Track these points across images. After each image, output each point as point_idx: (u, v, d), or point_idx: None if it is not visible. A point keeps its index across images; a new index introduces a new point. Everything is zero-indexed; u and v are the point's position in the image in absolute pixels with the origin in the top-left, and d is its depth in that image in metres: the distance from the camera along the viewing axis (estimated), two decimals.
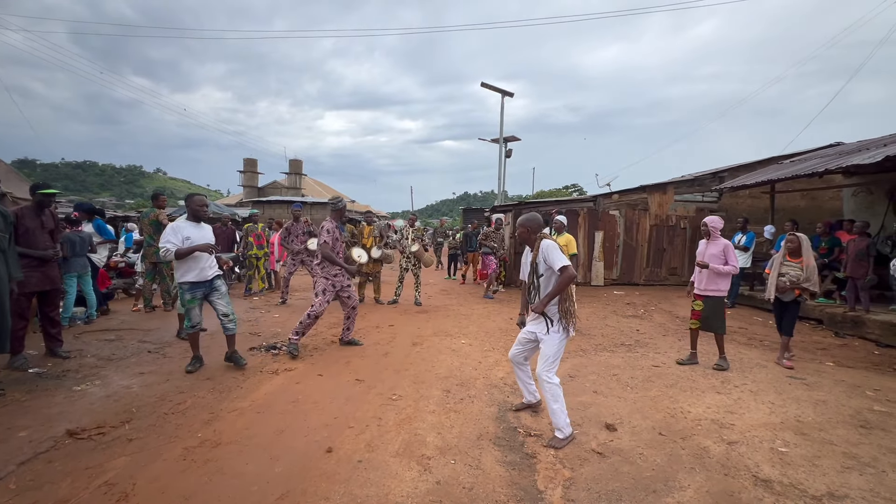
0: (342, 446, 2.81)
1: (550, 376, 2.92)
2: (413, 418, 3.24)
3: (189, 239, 3.87)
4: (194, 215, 4.08)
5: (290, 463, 2.62)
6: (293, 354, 4.51)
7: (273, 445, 2.82)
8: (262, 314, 6.76)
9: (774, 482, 2.48)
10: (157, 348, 4.78)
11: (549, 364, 2.93)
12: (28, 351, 4.32)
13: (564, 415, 2.92)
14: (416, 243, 7.73)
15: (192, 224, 4.03)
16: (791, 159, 10.05)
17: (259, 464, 2.61)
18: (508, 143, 20.31)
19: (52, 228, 4.23)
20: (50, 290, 4.25)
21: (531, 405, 3.43)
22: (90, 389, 3.62)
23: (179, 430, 3.01)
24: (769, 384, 4.01)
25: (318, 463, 2.62)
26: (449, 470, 2.58)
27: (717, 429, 3.13)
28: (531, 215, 3.12)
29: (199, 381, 3.89)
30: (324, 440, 2.89)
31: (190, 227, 3.97)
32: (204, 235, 4.03)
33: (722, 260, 4.37)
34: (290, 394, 3.67)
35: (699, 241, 4.68)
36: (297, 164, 40.90)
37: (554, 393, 2.90)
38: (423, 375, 4.15)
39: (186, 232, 3.91)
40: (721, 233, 4.52)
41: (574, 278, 2.89)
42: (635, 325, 6.46)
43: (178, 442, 2.86)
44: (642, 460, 2.72)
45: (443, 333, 5.78)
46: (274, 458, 2.67)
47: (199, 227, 4.05)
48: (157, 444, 2.81)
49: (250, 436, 2.95)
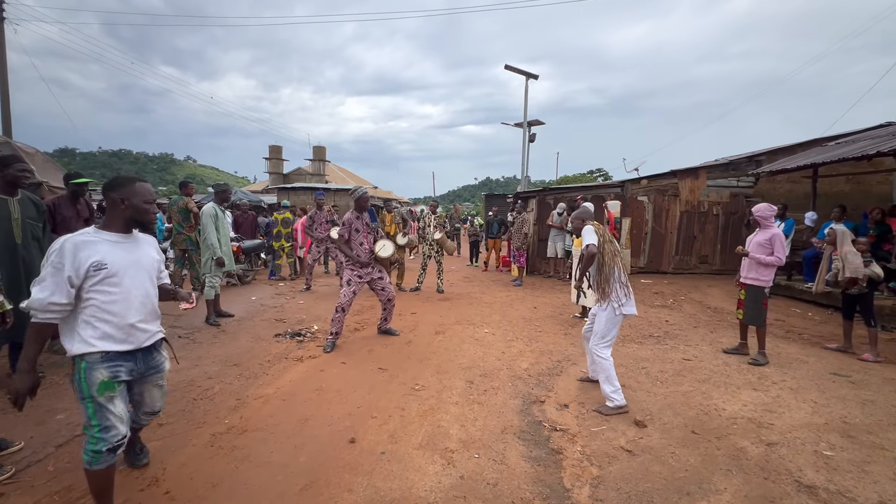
0: (365, 437, 2.81)
1: (601, 350, 3.23)
2: (436, 409, 3.21)
3: (98, 269, 1.86)
4: (133, 219, 2.05)
5: (314, 452, 2.63)
6: (327, 350, 4.48)
7: (297, 434, 2.84)
8: (287, 300, 6.86)
9: (819, 488, 2.34)
10: (187, 333, 4.90)
11: (598, 339, 3.26)
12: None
13: (612, 388, 3.18)
14: (438, 230, 7.66)
15: (115, 238, 1.98)
16: (836, 141, 9.41)
17: (284, 452, 2.63)
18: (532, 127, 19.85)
19: (87, 217, 4.34)
20: None
21: (592, 380, 3.67)
22: None
23: (207, 416, 3.06)
24: (810, 381, 3.80)
25: (342, 453, 2.62)
26: (473, 464, 2.54)
27: (754, 428, 2.98)
28: (583, 209, 3.63)
29: (227, 368, 3.96)
30: (347, 430, 2.89)
31: (105, 243, 1.94)
32: (137, 260, 2.03)
33: (767, 250, 4.13)
34: (313, 382, 3.70)
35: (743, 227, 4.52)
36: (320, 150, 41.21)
37: (603, 366, 3.21)
38: (446, 365, 4.11)
39: (93, 254, 1.87)
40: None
41: (593, 256, 3.23)
42: (664, 316, 6.25)
43: (206, 427, 2.91)
44: (674, 460, 2.61)
45: (465, 322, 5.73)
46: (298, 447, 2.69)
47: (129, 244, 2.03)
48: (186, 430, 2.87)
49: (275, 423, 2.98)
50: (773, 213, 4.30)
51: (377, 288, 4.78)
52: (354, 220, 4.58)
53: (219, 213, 5.15)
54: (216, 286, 5.27)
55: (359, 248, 4.59)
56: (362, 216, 4.65)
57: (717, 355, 4.47)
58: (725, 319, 6.09)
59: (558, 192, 10.68)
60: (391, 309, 4.98)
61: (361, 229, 4.62)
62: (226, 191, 5.31)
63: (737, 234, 10.41)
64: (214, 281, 5.22)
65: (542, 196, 10.69)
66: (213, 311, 5.30)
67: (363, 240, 4.61)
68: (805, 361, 4.30)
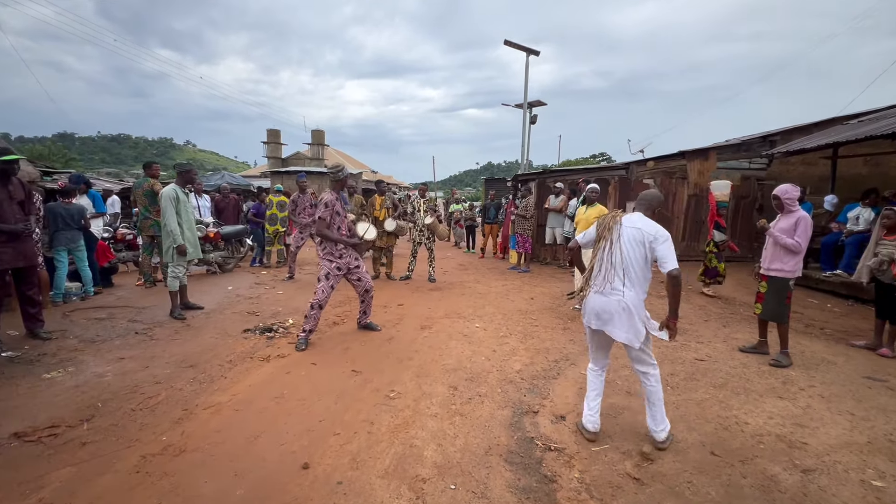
0: (322, 461, 2.36)
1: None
2: (410, 423, 2.76)
3: None
4: None
5: (255, 482, 2.18)
6: (299, 348, 4.01)
7: (242, 456, 2.39)
8: (265, 290, 6.40)
9: None
10: (146, 329, 4.44)
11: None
12: (8, 331, 4.05)
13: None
14: (429, 215, 7.14)
15: None
16: (859, 119, 8.79)
17: (220, 481, 2.18)
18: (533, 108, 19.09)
19: (21, 199, 3.85)
20: (26, 268, 3.91)
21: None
22: (59, 378, 3.29)
23: (143, 432, 2.62)
24: (843, 387, 3.33)
25: (290, 484, 2.17)
26: (447, 499, 2.08)
27: (785, 449, 2.52)
28: (653, 195, 2.74)
29: (181, 370, 3.51)
30: (302, 451, 2.44)
31: None
32: None
33: (791, 235, 3.63)
34: (276, 387, 3.24)
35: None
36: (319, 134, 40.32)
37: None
38: (429, 367, 3.66)
39: None
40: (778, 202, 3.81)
41: (571, 249, 2.85)
42: None
43: (137, 447, 2.46)
44: (692, 492, 2.15)
45: (455, 315, 5.26)
46: (239, 474, 2.24)
47: None
48: (113, 451, 2.42)
49: (220, 441, 2.53)
50: (798, 194, 3.79)
51: (353, 278, 4.29)
52: (335, 201, 4.07)
53: (180, 196, 4.65)
54: (180, 276, 4.79)
55: (337, 233, 4.08)
56: (341, 198, 4.14)
57: (734, 355, 4.00)
58: (738, 312, 5.61)
59: (560, 175, 10.11)
60: (370, 301, 4.50)
61: (342, 212, 4.11)
62: (188, 171, 4.79)
63: (748, 220, 9.86)
64: (178, 271, 4.74)
65: (543, 179, 10.13)
66: (177, 304, 4.84)
67: (341, 224, 4.11)
68: (833, 362, 3.83)
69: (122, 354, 3.78)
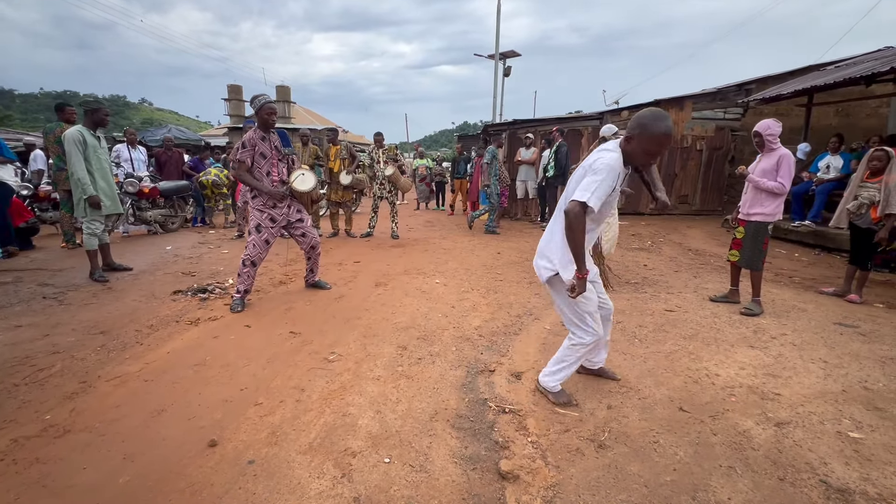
0: (235, 436, 2.00)
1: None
2: (348, 388, 2.41)
3: None
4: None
5: (146, 465, 1.80)
6: (235, 310, 3.55)
7: (139, 434, 2.00)
8: (209, 250, 5.84)
9: (855, 492, 1.68)
10: (57, 293, 3.90)
11: None
12: None
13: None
14: (389, 166, 6.59)
15: None
16: (836, 65, 8.55)
17: (103, 467, 1.79)
18: (507, 59, 18.22)
19: None
20: None
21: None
22: None
23: (22, 411, 2.18)
24: (815, 334, 3.17)
25: (189, 465, 1.80)
26: (379, 474, 1.77)
27: (757, 401, 2.31)
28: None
29: (88, 337, 3.04)
30: (213, 426, 2.07)
31: None
32: None
33: (773, 176, 3.35)
34: (199, 353, 2.83)
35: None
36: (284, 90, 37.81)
37: None
38: (378, 326, 3.30)
39: None
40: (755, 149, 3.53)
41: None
42: (642, 260, 5.57)
43: (11, 429, 2.04)
44: (658, 453, 1.91)
45: (415, 271, 4.90)
46: (129, 457, 1.85)
47: None
48: None
49: (116, 418, 2.13)
50: (780, 129, 3.49)
51: (296, 233, 3.83)
52: (259, 140, 3.52)
53: (88, 140, 3.97)
54: (98, 233, 4.19)
55: (265, 179, 3.56)
56: (269, 137, 3.58)
57: (704, 305, 3.80)
58: (709, 262, 5.46)
59: (531, 125, 9.61)
60: (316, 258, 4.06)
61: (269, 154, 3.56)
62: (97, 110, 4.08)
63: (720, 173, 9.72)
64: (94, 227, 4.14)
65: (514, 130, 9.62)
66: (97, 265, 4.27)
67: (271, 169, 3.58)
68: (803, 310, 3.68)
69: (21, 322, 3.27)
